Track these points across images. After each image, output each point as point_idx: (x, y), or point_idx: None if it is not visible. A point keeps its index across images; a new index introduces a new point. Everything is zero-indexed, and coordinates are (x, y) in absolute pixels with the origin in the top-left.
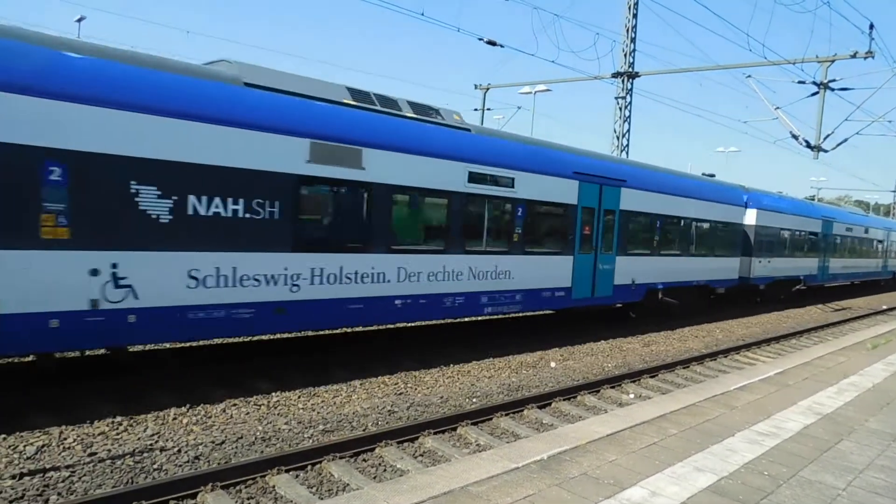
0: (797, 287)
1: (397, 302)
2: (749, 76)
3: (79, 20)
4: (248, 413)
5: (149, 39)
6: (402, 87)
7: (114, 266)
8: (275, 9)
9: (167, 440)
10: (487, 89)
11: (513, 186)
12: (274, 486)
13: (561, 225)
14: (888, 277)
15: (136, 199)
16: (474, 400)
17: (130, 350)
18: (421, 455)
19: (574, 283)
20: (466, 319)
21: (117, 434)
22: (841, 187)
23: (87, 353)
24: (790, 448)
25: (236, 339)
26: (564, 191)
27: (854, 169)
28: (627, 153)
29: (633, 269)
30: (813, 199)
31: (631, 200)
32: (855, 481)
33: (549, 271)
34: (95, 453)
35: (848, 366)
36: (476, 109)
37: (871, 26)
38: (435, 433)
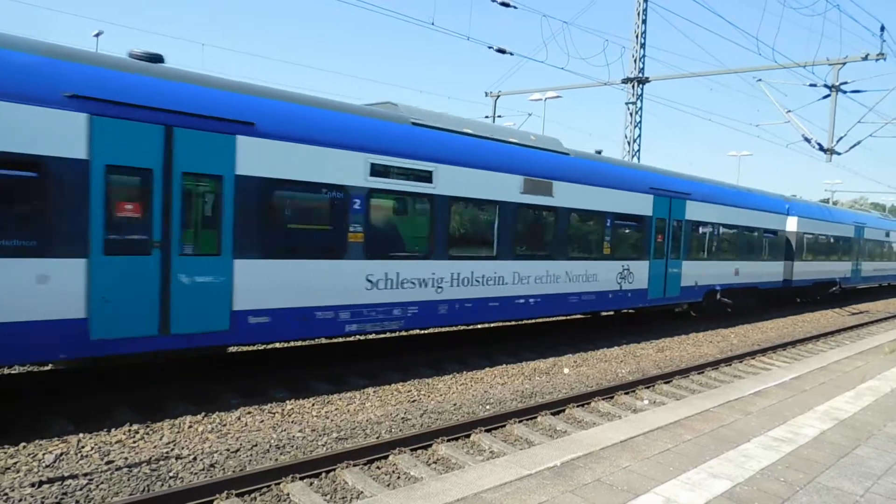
0: None
1: None
2: (760, 80)
3: (97, 35)
4: (262, 421)
5: (165, 52)
6: (414, 96)
7: None
8: (284, 21)
9: (183, 448)
10: (498, 97)
11: None
12: (288, 494)
13: None
14: (687, 302)
15: None
16: (487, 407)
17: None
18: (434, 462)
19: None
20: (479, 326)
21: (134, 442)
22: (856, 190)
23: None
24: (807, 454)
25: (249, 348)
26: None
27: (869, 171)
28: (639, 158)
29: None
30: (827, 202)
31: None
32: (874, 487)
33: None
34: (112, 461)
35: (865, 370)
36: (487, 117)
37: (882, 28)
38: (448, 440)
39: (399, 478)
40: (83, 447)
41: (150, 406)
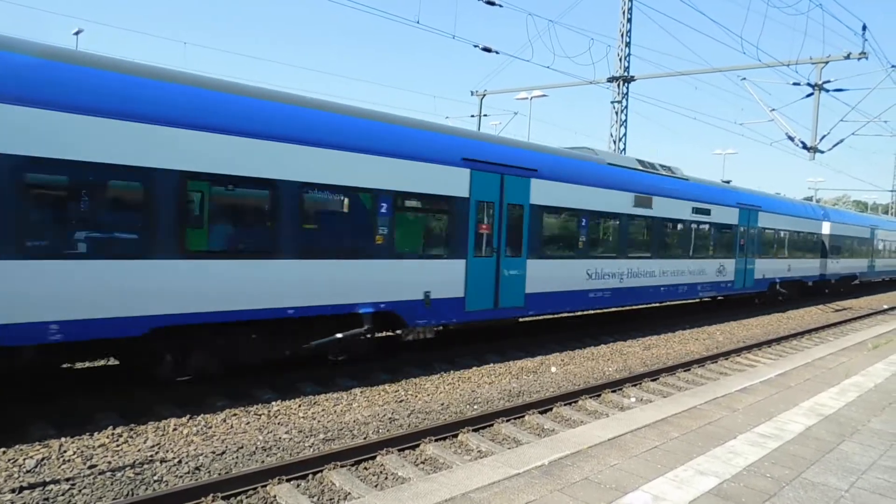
0: None
1: None
2: (744, 78)
3: (76, 33)
4: (248, 423)
5: (148, 51)
6: (399, 95)
7: None
8: (269, 21)
9: (167, 451)
10: (484, 96)
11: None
12: (275, 496)
13: None
14: None
15: None
16: (475, 406)
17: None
18: (422, 462)
19: None
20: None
21: (117, 446)
22: (839, 188)
23: (87, 364)
24: (793, 450)
25: None
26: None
27: (851, 169)
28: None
29: None
30: (810, 200)
31: None
32: (858, 482)
33: None
34: (95, 465)
35: (849, 366)
36: (473, 116)
37: (864, 27)
38: (436, 440)
39: (387, 478)
40: (65, 451)
41: (133, 409)
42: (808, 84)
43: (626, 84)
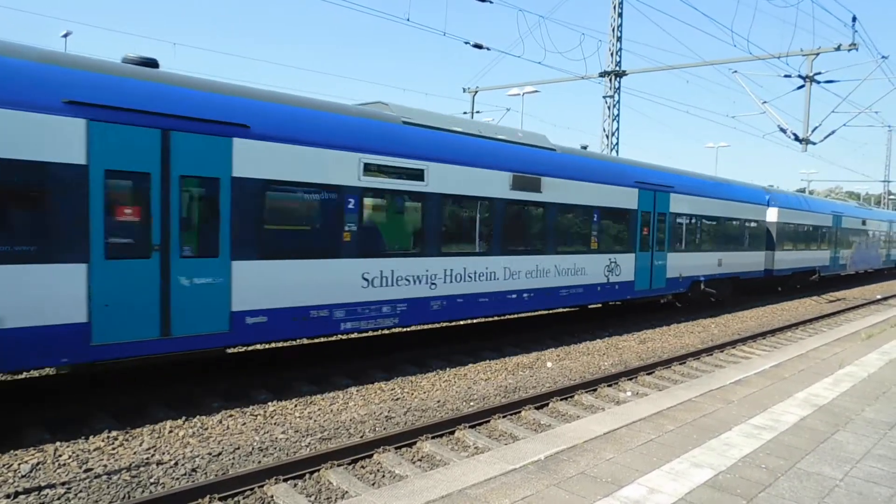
0: None
1: None
2: (735, 71)
3: (65, 35)
4: (244, 423)
5: (136, 52)
6: (391, 93)
7: None
8: (260, 20)
9: (164, 453)
10: (476, 92)
11: None
12: (272, 496)
13: None
14: None
15: None
16: (471, 403)
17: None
18: (419, 460)
19: None
20: (462, 322)
21: (113, 449)
22: (832, 179)
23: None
24: (787, 440)
25: (232, 351)
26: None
27: (844, 160)
28: (617, 151)
29: None
30: (803, 192)
31: None
32: (852, 471)
33: None
34: (91, 469)
35: (843, 356)
36: (465, 112)
37: (854, 19)
38: (433, 437)
39: (384, 476)
40: (60, 456)
41: (129, 412)
42: (800, 76)
43: (617, 79)
